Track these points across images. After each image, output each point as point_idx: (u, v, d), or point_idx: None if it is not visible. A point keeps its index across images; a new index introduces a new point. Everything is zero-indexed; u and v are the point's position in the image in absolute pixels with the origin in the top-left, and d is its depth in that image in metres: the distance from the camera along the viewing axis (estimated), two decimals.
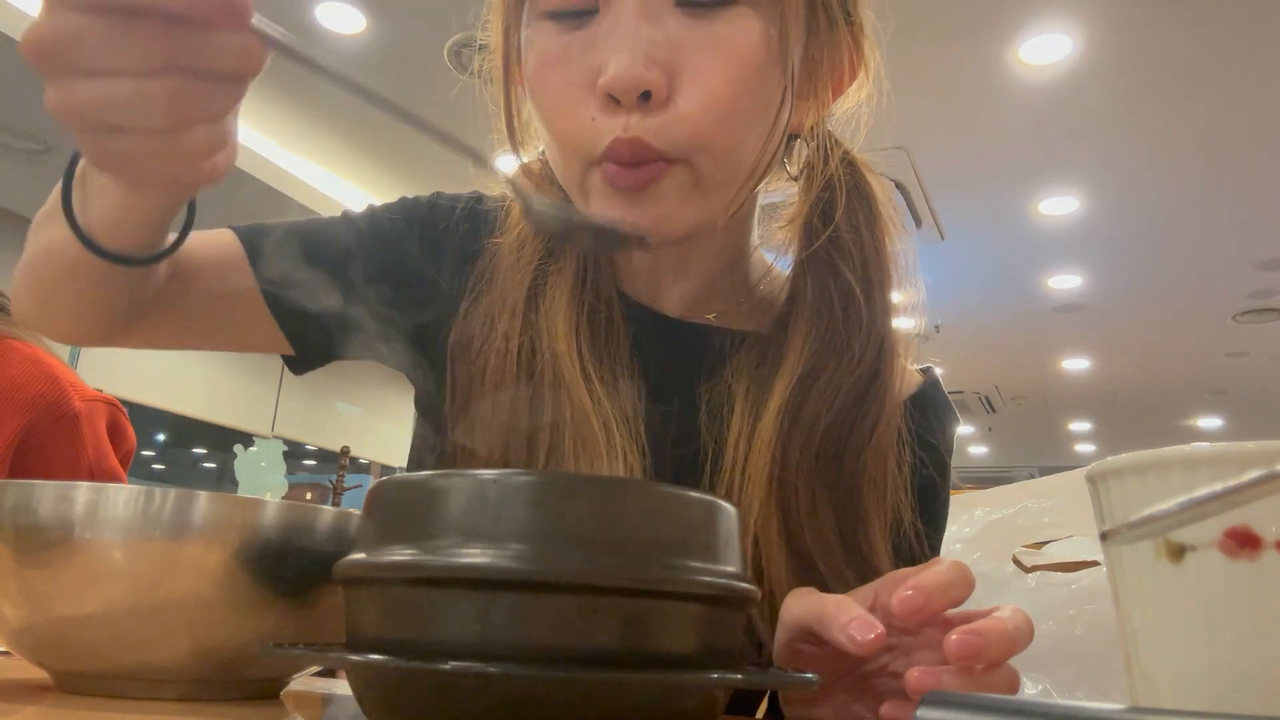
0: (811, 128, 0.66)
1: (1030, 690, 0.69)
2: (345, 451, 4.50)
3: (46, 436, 1.22)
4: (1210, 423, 9.42)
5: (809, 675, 0.39)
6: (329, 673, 0.62)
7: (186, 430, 6.87)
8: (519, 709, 0.34)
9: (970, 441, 11.38)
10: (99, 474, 1.31)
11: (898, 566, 0.58)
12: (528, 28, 0.60)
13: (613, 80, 0.54)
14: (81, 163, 0.55)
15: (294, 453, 6.90)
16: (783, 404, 0.61)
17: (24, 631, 0.47)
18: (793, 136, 0.67)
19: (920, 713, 0.30)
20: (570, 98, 0.57)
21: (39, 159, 4.27)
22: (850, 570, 0.59)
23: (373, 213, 0.76)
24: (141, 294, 0.63)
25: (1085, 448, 11.21)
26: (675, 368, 0.66)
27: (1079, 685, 0.67)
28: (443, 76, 3.74)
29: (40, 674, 0.52)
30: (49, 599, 0.45)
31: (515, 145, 0.66)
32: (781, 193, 0.72)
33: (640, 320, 0.67)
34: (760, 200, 0.70)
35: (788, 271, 0.68)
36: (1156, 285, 5.87)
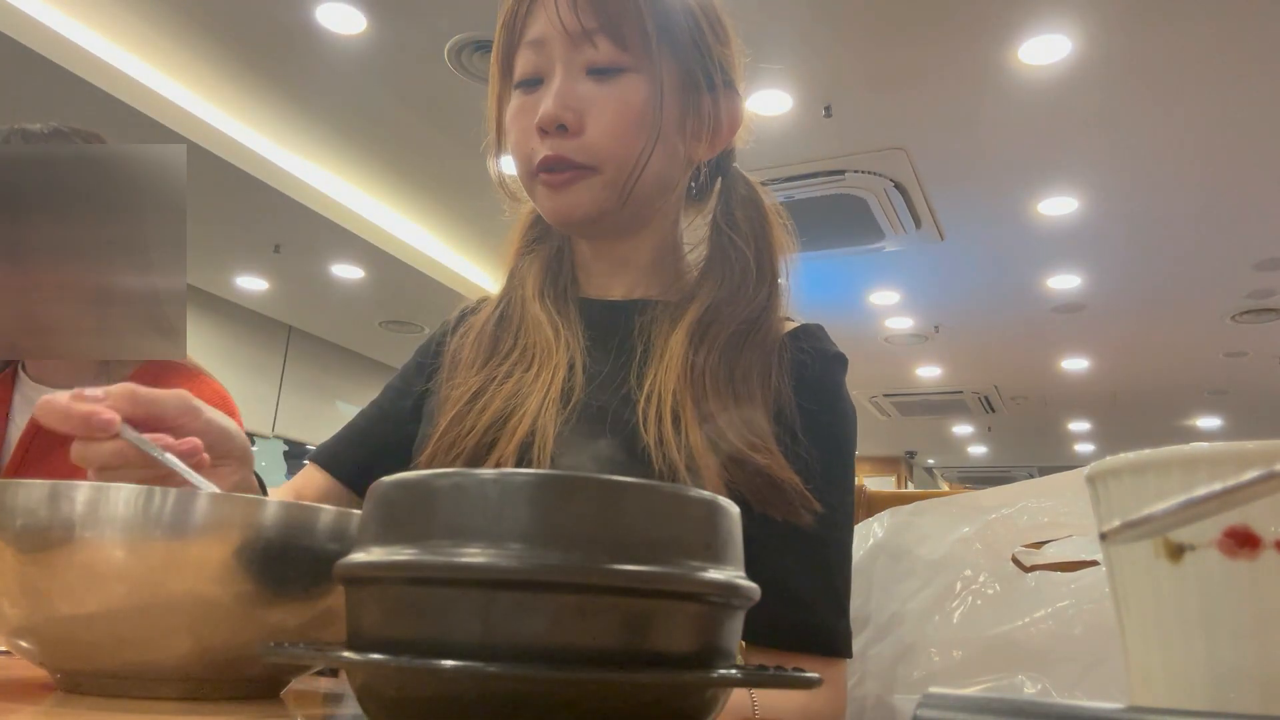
0: (712, 160, 0.93)
1: (1030, 690, 0.69)
2: None
3: None
4: (1209, 422, 9.43)
5: (810, 675, 0.39)
6: (330, 672, 0.63)
7: None
8: (519, 709, 0.34)
9: (970, 441, 11.39)
10: None
11: (779, 434, 0.79)
12: (511, 95, 0.88)
13: (540, 118, 0.82)
14: None
15: (294, 453, 6.90)
16: (691, 323, 0.84)
17: (25, 631, 0.47)
18: (711, 166, 0.95)
19: (919, 712, 0.30)
20: (524, 133, 0.85)
21: None
22: (744, 427, 0.78)
23: (387, 385, 1.01)
24: None
25: (1084, 447, 11.21)
26: (616, 327, 0.89)
27: (1078, 685, 0.67)
28: (443, 77, 3.74)
29: (41, 674, 0.52)
30: (50, 598, 0.45)
31: (499, 158, 0.94)
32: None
33: (591, 308, 0.92)
34: (681, 218, 0.95)
35: (703, 256, 0.93)
36: (1156, 285, 5.87)
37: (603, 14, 0.82)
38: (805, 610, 0.75)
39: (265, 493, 0.77)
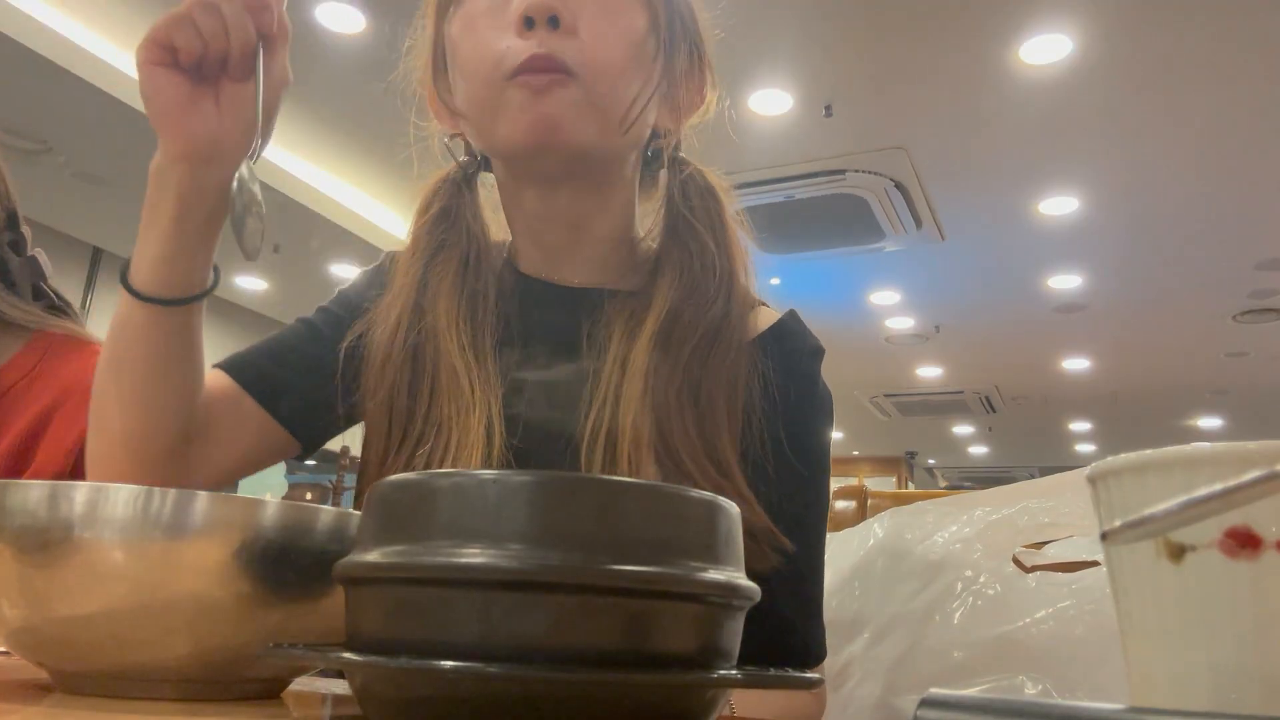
0: (668, 132, 0.83)
1: (1030, 690, 0.69)
2: (345, 451, 4.50)
3: None
4: (1210, 423, 9.43)
5: (811, 675, 0.39)
6: (330, 672, 0.62)
7: None
8: (519, 709, 0.34)
9: (970, 441, 11.39)
10: None
11: (746, 469, 0.73)
12: (457, 12, 0.77)
13: (530, 6, 0.70)
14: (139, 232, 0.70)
15: None
16: (654, 333, 0.75)
17: (24, 631, 0.47)
18: (658, 136, 0.84)
19: (920, 713, 0.30)
20: (491, 35, 0.72)
21: (39, 159, 4.28)
22: (710, 465, 0.71)
23: (320, 307, 0.88)
24: (189, 400, 0.74)
25: (1085, 448, 11.21)
26: (562, 323, 0.80)
27: (1079, 685, 0.67)
28: None
29: (40, 674, 0.52)
30: (49, 599, 0.45)
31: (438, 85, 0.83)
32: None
33: (534, 291, 0.82)
34: (645, 198, 0.87)
35: (657, 242, 0.84)
36: (1157, 285, 5.87)
37: None
38: (788, 631, 0.74)
39: (217, 275, 0.75)
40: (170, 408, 0.73)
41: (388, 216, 5.16)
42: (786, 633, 0.74)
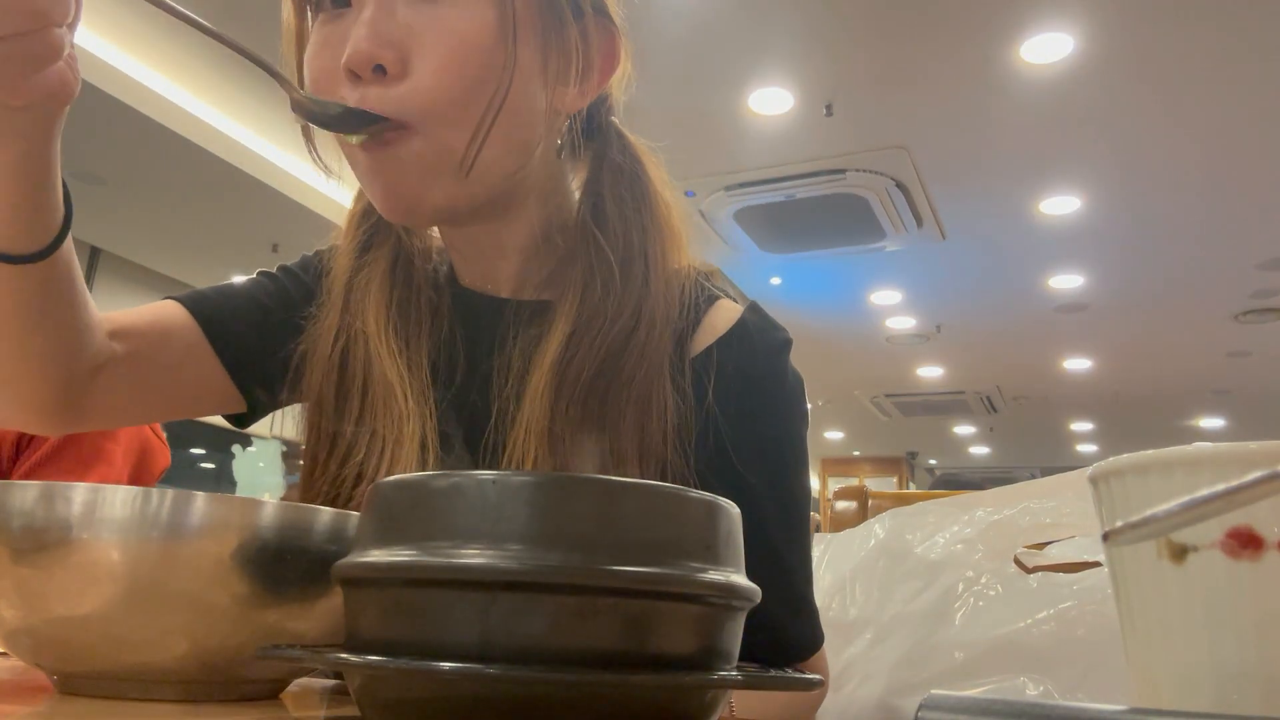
0: (582, 113, 0.75)
1: (1032, 691, 0.69)
2: None
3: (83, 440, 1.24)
4: (1212, 423, 9.43)
5: (811, 675, 0.39)
6: (329, 673, 0.62)
7: (185, 430, 6.87)
8: (519, 709, 0.34)
9: (971, 441, 11.39)
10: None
11: (678, 466, 0.69)
12: (311, 29, 0.71)
13: (349, 58, 0.63)
14: None
15: (293, 453, 6.89)
16: (554, 361, 0.70)
17: (22, 632, 0.47)
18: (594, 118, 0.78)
19: (921, 714, 0.29)
20: (326, 80, 0.67)
21: None
22: None
23: (283, 267, 0.85)
24: (78, 334, 0.68)
25: (1087, 448, 11.22)
26: (482, 344, 0.76)
27: (1081, 686, 0.67)
28: None
29: (38, 675, 0.52)
30: (47, 600, 0.45)
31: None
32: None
33: (463, 302, 0.78)
34: (570, 177, 0.79)
35: (572, 238, 0.77)
36: (1158, 285, 5.87)
37: None
38: (778, 630, 0.72)
39: (69, 205, 0.63)
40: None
41: None
42: (779, 633, 0.73)
